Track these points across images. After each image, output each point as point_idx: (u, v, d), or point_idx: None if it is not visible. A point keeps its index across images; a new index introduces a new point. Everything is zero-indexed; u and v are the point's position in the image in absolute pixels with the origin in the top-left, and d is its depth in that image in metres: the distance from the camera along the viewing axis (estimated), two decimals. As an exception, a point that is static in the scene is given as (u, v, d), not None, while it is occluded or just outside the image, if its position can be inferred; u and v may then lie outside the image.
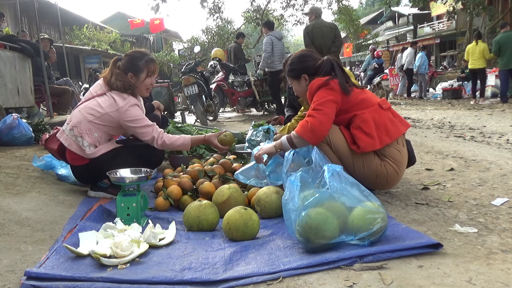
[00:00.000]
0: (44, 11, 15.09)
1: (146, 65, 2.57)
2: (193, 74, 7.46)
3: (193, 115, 8.23)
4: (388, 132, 2.18)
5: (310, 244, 1.62)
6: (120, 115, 2.48)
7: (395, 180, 2.27)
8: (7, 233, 1.93)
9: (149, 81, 2.61)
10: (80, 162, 2.58)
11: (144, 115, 2.56)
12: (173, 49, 26.57)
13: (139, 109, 2.56)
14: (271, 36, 7.58)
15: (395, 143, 2.22)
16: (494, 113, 7.26)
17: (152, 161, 2.66)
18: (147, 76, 2.58)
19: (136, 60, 2.57)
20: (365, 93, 2.31)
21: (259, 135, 3.59)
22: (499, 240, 1.72)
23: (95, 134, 2.51)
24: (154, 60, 2.66)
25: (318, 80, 2.24)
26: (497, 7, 14.65)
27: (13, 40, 5.40)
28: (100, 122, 2.50)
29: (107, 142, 2.60)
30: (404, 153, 2.27)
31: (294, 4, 19.17)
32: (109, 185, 2.70)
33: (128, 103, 2.49)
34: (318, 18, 6.65)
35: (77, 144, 2.52)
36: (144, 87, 2.61)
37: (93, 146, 2.52)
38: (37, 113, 5.59)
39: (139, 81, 2.57)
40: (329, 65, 2.30)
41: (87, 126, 2.50)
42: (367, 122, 2.17)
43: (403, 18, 31.67)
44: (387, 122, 2.20)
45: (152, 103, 3.92)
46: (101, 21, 28.96)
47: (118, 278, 1.45)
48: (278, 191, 2.21)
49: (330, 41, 6.42)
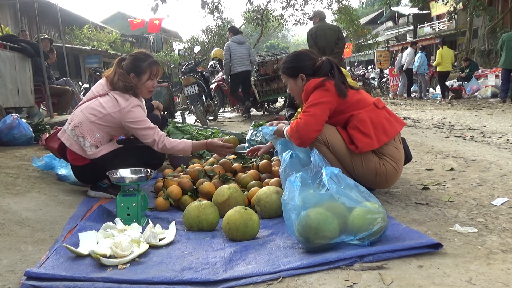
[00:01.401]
0: (44, 11, 15.10)
1: (149, 67, 2.57)
2: (193, 74, 7.46)
3: (193, 115, 8.23)
4: (386, 131, 2.19)
5: (310, 244, 1.62)
6: (122, 116, 2.48)
7: (394, 178, 2.27)
8: (7, 233, 1.93)
9: (151, 83, 2.60)
10: (81, 162, 2.58)
11: (146, 117, 2.56)
12: (173, 49, 26.59)
13: (142, 111, 2.56)
14: (230, 42, 7.95)
15: (393, 141, 2.23)
16: (494, 113, 7.26)
17: (152, 163, 2.65)
18: (149, 78, 2.58)
19: (140, 61, 2.57)
20: (360, 93, 2.31)
21: (259, 135, 3.59)
22: (499, 240, 1.72)
23: (96, 134, 2.51)
24: (158, 62, 2.67)
25: (314, 80, 2.24)
26: (497, 7, 14.67)
27: (13, 40, 5.40)
28: (102, 123, 2.50)
29: (108, 142, 2.61)
30: (401, 150, 2.28)
31: (294, 4, 19.18)
32: (109, 185, 2.70)
33: (131, 104, 2.49)
34: (322, 21, 6.84)
35: (79, 144, 2.52)
36: (146, 89, 2.60)
37: (94, 146, 2.52)
38: (37, 113, 5.59)
39: (140, 82, 2.57)
40: (328, 66, 2.30)
41: (89, 126, 2.49)
42: (364, 122, 2.17)
43: (403, 18, 31.70)
44: (383, 121, 2.21)
45: (151, 103, 3.92)
46: (101, 21, 28.98)
47: (118, 278, 1.45)
48: (278, 191, 2.21)
49: (333, 43, 6.60)
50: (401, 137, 2.40)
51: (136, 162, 2.42)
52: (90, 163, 2.55)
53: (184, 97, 7.56)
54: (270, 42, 46.31)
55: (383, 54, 26.30)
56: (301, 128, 2.12)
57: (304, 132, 2.13)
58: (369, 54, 26.13)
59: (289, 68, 2.41)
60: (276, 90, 8.76)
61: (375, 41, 22.65)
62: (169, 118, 8.11)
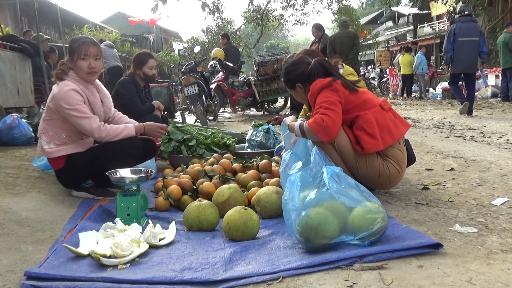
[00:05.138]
0: (44, 11, 15.08)
1: (78, 46, 2.51)
2: (193, 74, 7.45)
3: (193, 115, 8.23)
4: (391, 133, 2.19)
5: (310, 244, 1.62)
6: (56, 102, 2.43)
7: (397, 179, 2.27)
8: (7, 233, 1.93)
9: (85, 64, 2.50)
10: (55, 167, 2.59)
11: (82, 104, 2.45)
12: (173, 49, 26.56)
13: (76, 96, 2.43)
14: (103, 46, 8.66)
15: (397, 143, 2.24)
16: (494, 113, 7.26)
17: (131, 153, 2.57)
18: (78, 57, 2.50)
19: (72, 42, 2.57)
20: (366, 94, 2.31)
21: (259, 135, 3.59)
22: (499, 240, 1.72)
23: (50, 132, 2.52)
24: (94, 42, 2.58)
25: (320, 81, 2.24)
26: (496, 7, 14.67)
27: (13, 40, 5.41)
28: (49, 118, 2.52)
29: (73, 142, 2.57)
30: (405, 153, 2.29)
31: (294, 4, 19.17)
32: (92, 185, 2.70)
33: (62, 89, 2.42)
34: (342, 28, 7.85)
35: (41, 145, 2.55)
36: (81, 70, 2.50)
37: (51, 143, 2.51)
38: (37, 113, 5.59)
39: (73, 63, 2.51)
40: (320, 67, 2.32)
41: (42, 125, 2.55)
42: (370, 123, 2.17)
43: (403, 18, 31.66)
44: (389, 123, 2.21)
45: (152, 103, 3.92)
46: (101, 21, 28.96)
47: (118, 278, 1.45)
48: (278, 191, 2.21)
49: (348, 50, 7.54)
50: (406, 139, 2.40)
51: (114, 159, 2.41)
52: (65, 167, 2.55)
53: (184, 97, 7.55)
54: (270, 42, 46.28)
55: (383, 54, 26.28)
56: (331, 125, 2.10)
57: (333, 129, 2.11)
58: (369, 54, 26.12)
59: (286, 82, 2.50)
60: (276, 90, 8.76)
61: (375, 41, 22.64)
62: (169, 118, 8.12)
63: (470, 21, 6.72)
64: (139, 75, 3.91)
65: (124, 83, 3.84)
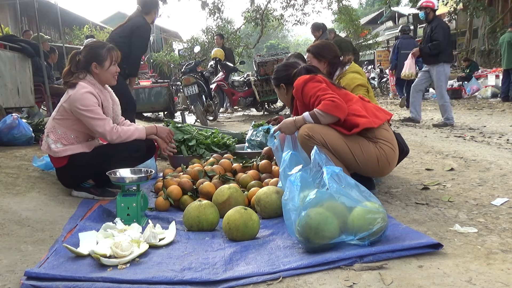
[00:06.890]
0: (44, 11, 15.07)
1: (108, 53, 2.58)
2: (193, 74, 7.45)
3: (193, 115, 8.23)
4: (377, 116, 2.26)
5: (310, 244, 1.62)
6: (71, 103, 2.46)
7: (394, 158, 2.29)
8: (7, 233, 1.93)
9: (114, 69, 2.62)
10: (58, 164, 2.59)
11: (97, 106, 2.50)
12: (173, 49, 26.53)
13: (92, 99, 2.48)
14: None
15: (382, 125, 2.28)
16: (494, 113, 7.26)
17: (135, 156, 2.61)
18: (111, 64, 2.59)
19: (98, 49, 2.59)
20: (345, 89, 2.42)
21: (259, 135, 3.58)
22: (499, 240, 1.72)
23: (58, 131, 2.53)
24: (115, 48, 2.67)
25: (303, 76, 2.33)
26: (497, 7, 14.67)
27: (13, 40, 5.41)
28: (60, 117, 2.53)
29: (80, 143, 2.58)
30: (391, 132, 2.34)
31: (294, 4, 19.17)
32: (92, 185, 2.71)
33: (78, 90, 2.46)
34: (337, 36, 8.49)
35: (47, 144, 2.55)
36: (110, 75, 2.61)
37: (59, 143, 2.52)
38: (37, 113, 5.60)
39: (103, 69, 2.57)
40: (304, 71, 2.43)
41: (51, 124, 2.55)
42: (357, 109, 2.24)
43: (403, 18, 31.62)
44: (372, 109, 2.31)
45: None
46: (101, 21, 28.93)
47: (118, 278, 1.45)
48: (278, 191, 2.21)
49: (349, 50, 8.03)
50: (396, 132, 2.48)
51: (117, 161, 2.42)
52: (67, 165, 2.55)
53: (184, 97, 7.55)
54: (270, 42, 46.25)
55: (383, 54, 26.26)
56: (340, 102, 2.15)
57: (344, 106, 2.17)
58: (369, 54, 26.09)
59: (273, 79, 2.70)
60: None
61: (375, 41, 22.62)
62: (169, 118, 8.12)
63: (410, 38, 9.46)
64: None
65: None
